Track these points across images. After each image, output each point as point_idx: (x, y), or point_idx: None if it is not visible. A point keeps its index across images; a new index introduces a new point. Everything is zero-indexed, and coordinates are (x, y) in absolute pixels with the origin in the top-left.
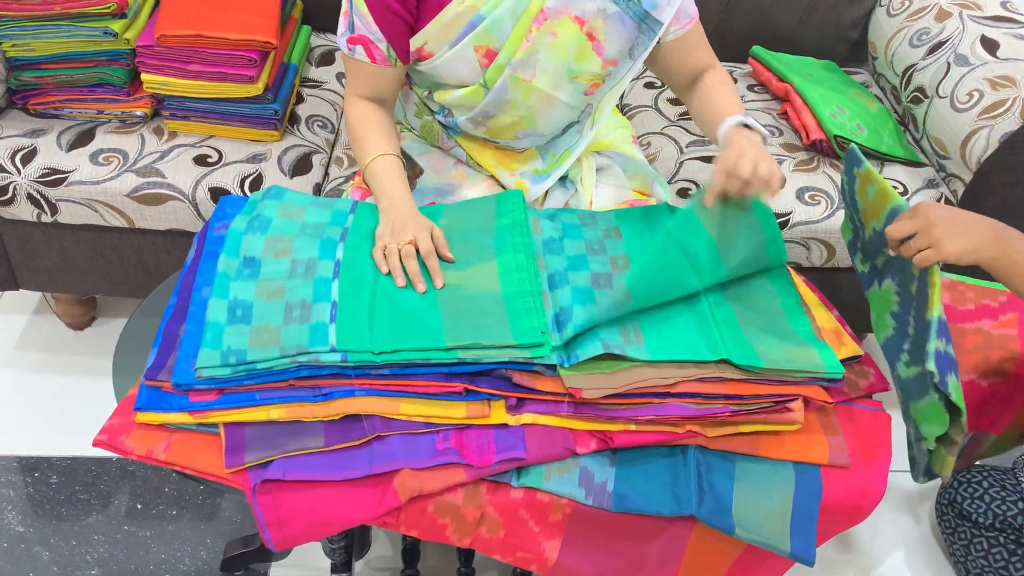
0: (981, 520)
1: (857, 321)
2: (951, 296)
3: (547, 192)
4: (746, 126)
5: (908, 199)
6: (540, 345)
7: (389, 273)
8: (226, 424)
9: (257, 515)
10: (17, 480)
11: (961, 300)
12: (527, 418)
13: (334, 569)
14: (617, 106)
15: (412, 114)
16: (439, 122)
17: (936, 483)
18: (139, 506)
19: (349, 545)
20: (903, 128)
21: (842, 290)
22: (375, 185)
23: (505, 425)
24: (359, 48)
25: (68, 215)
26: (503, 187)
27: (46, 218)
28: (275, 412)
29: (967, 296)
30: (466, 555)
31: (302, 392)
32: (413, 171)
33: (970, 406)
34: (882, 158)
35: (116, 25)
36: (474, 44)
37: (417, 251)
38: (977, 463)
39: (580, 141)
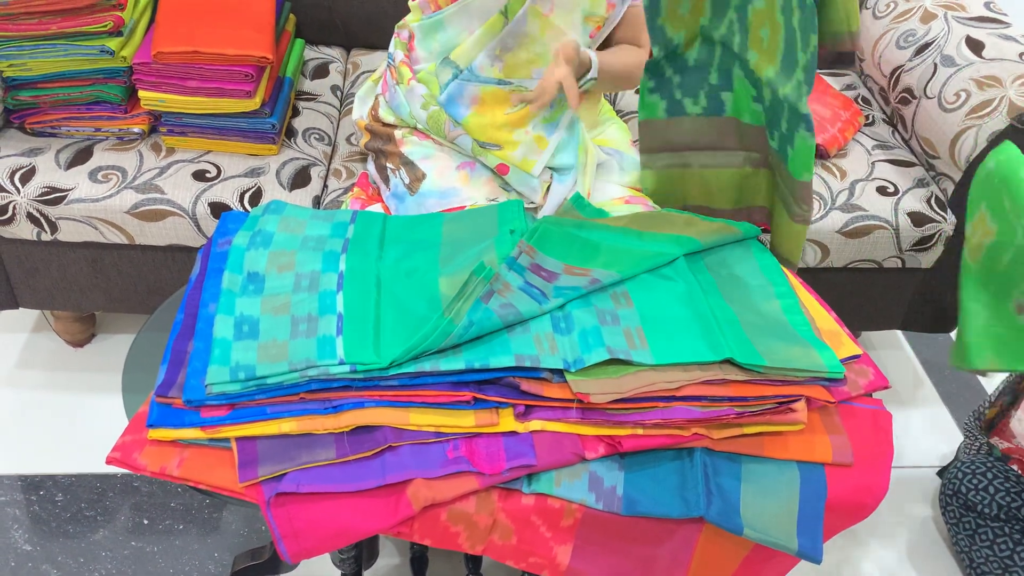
0: (986, 511)
1: (853, 321)
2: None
3: (548, 187)
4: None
5: (899, 199)
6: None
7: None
8: (238, 439)
9: (272, 528)
10: (22, 499)
11: None
12: (535, 425)
13: None
14: (615, 110)
15: (418, 107)
16: (445, 110)
17: (935, 477)
18: (145, 521)
19: (358, 555)
20: (893, 127)
21: (837, 290)
22: None
23: (514, 432)
24: None
25: (68, 233)
26: (506, 183)
27: (46, 236)
28: (286, 425)
29: None
30: (474, 563)
31: (312, 405)
32: (415, 175)
33: None
34: None
35: (113, 43)
36: None
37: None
38: (980, 455)
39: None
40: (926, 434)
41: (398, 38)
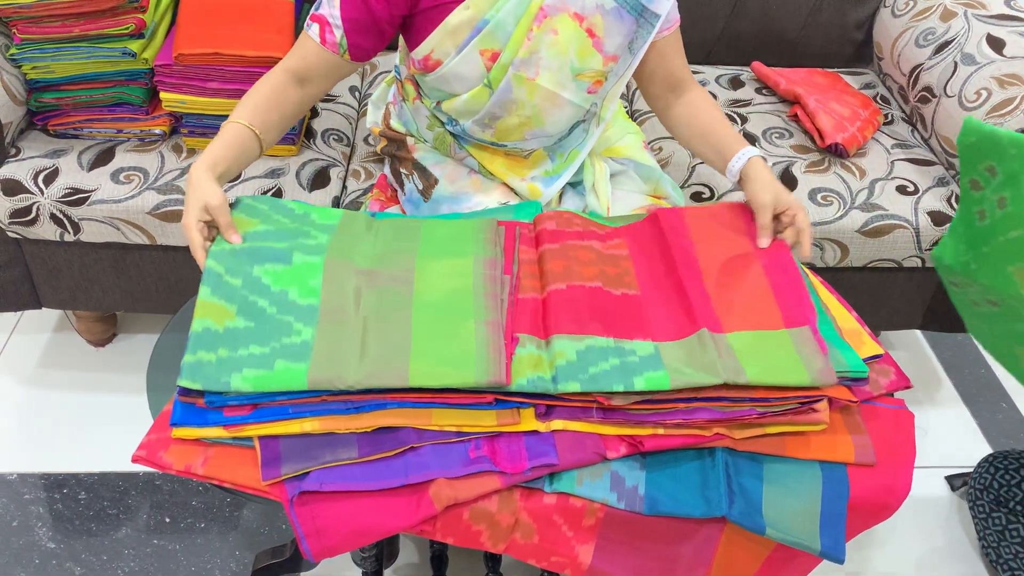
0: (1018, 508)
1: (872, 320)
2: (557, 223)
3: (561, 198)
4: (762, 160)
5: (919, 198)
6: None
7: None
8: (261, 437)
9: (295, 526)
10: (46, 497)
11: (569, 225)
12: (557, 424)
13: None
14: (627, 112)
15: (424, 127)
16: (450, 133)
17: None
18: (167, 520)
19: (379, 554)
20: (912, 126)
21: (856, 289)
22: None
23: (536, 432)
24: (315, 26)
25: (90, 234)
26: (517, 194)
27: (69, 237)
28: (308, 425)
29: (574, 222)
30: (494, 561)
31: (334, 406)
32: (428, 181)
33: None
34: None
35: (134, 45)
36: (480, 48)
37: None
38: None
39: (587, 140)
40: (946, 434)
41: (403, 52)
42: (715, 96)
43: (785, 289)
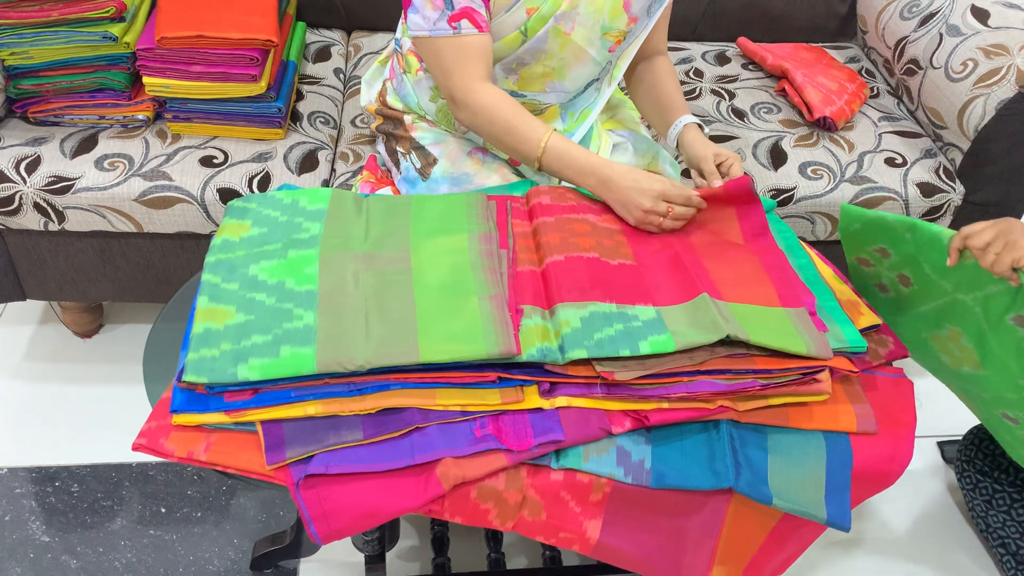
0: (1003, 477)
1: None
2: (551, 197)
3: None
4: (699, 127)
5: (907, 170)
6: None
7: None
8: (263, 422)
9: (302, 510)
10: (37, 490)
11: (563, 199)
12: (561, 401)
13: (369, 561)
14: (622, 89)
15: (427, 99)
16: None
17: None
18: (163, 510)
19: (382, 537)
20: (898, 99)
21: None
22: (568, 164)
23: (540, 409)
24: (464, 22)
25: (75, 222)
26: (520, 174)
27: (53, 226)
28: (311, 408)
29: (568, 196)
30: (495, 541)
31: (337, 388)
32: (427, 160)
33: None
34: None
35: (115, 29)
36: (527, 7)
37: None
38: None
39: (598, 99)
40: (937, 401)
41: (405, 24)
42: (702, 73)
43: (778, 275)
